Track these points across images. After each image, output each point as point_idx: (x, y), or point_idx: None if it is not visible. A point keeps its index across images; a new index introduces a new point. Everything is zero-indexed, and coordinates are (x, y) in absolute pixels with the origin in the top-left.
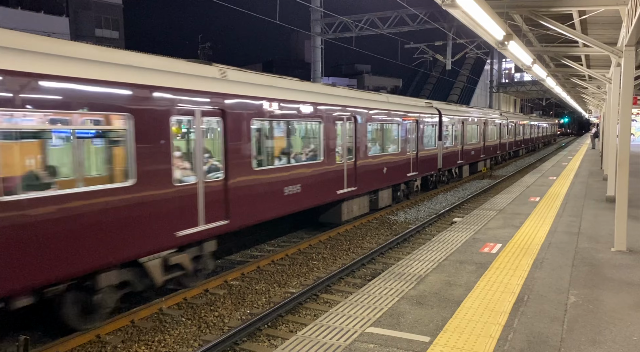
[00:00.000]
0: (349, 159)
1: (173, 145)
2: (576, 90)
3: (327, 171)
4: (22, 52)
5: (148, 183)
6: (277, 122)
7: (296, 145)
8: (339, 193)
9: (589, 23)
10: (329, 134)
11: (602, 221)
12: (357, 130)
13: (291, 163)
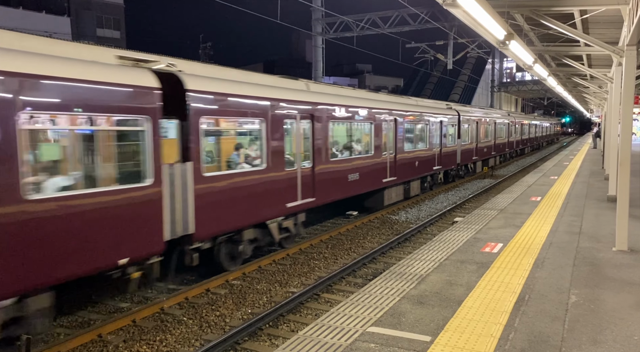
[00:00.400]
0: (390, 153)
1: (285, 141)
2: (577, 89)
3: (376, 163)
4: (245, 85)
5: (273, 167)
6: (344, 123)
7: (356, 141)
8: (383, 181)
9: (590, 22)
10: (377, 132)
11: (603, 220)
12: (397, 129)
13: (352, 156)
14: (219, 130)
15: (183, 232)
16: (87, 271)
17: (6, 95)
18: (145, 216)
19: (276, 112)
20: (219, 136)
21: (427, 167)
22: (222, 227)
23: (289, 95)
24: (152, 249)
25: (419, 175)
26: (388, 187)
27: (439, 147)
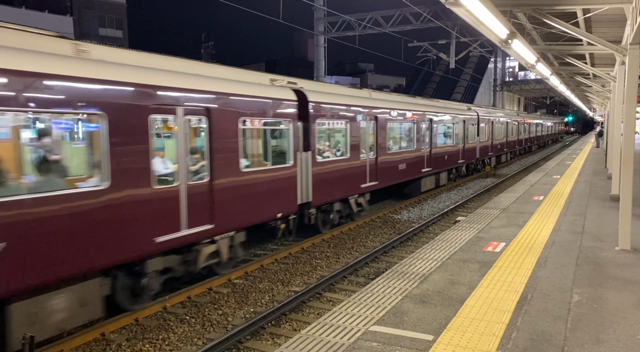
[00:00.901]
0: (427, 148)
1: (360, 137)
2: (580, 88)
3: (417, 156)
4: (341, 96)
5: (352, 157)
6: (395, 123)
7: (403, 138)
8: (422, 171)
9: (594, 21)
10: (419, 130)
11: (606, 219)
12: (432, 128)
13: (401, 150)
14: (324, 129)
15: (306, 200)
16: (266, 218)
17: (234, 109)
18: (289, 186)
19: (354, 115)
20: (324, 133)
21: (453, 161)
22: (326, 198)
23: (361, 102)
24: (292, 209)
25: (447, 167)
26: (424, 176)
27: (463, 143)
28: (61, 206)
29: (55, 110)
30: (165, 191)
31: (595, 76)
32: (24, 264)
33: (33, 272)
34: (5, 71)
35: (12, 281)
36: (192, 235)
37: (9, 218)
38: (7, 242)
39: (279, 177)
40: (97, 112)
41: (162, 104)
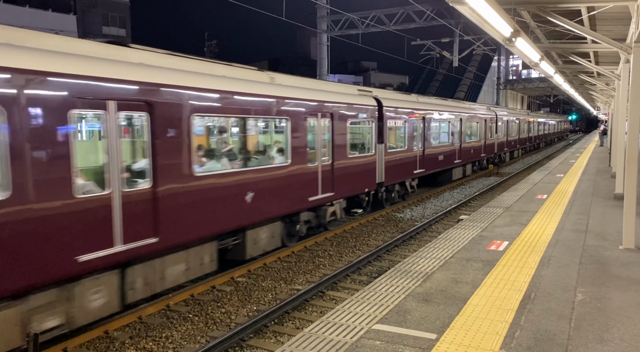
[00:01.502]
0: (457, 143)
1: (413, 132)
2: (584, 87)
3: (451, 150)
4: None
5: (408, 149)
6: (435, 122)
7: (441, 134)
8: (454, 162)
9: (598, 19)
10: (453, 128)
11: (610, 218)
12: (462, 126)
13: (440, 144)
14: (392, 127)
15: (380, 181)
16: (359, 192)
17: (345, 112)
18: (372, 169)
19: (410, 116)
20: (391, 130)
21: (477, 154)
22: (392, 180)
23: (413, 105)
24: (373, 186)
25: (472, 160)
26: (455, 167)
27: (484, 140)
28: (277, 173)
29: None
30: (311, 168)
31: (600, 74)
32: (258, 206)
33: (261, 213)
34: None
35: (252, 217)
36: (323, 198)
37: (252, 178)
38: (254, 193)
39: (367, 162)
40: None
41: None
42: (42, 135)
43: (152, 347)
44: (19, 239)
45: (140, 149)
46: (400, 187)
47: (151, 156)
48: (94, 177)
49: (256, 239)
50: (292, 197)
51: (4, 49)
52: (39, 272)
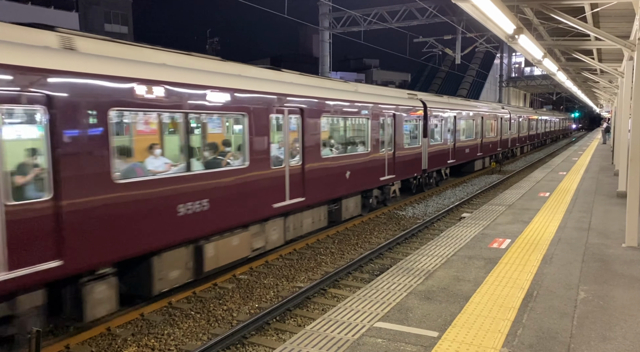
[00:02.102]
0: (479, 138)
1: (447, 128)
2: (587, 84)
3: (474, 144)
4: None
5: (444, 142)
6: (462, 120)
7: (467, 129)
8: (477, 155)
9: (601, 16)
10: (476, 124)
11: (612, 216)
12: (483, 123)
13: (464, 139)
14: (433, 124)
15: (424, 168)
16: (410, 176)
17: (407, 114)
18: (419, 158)
19: (445, 115)
20: (432, 126)
21: (495, 148)
22: (432, 167)
23: (448, 106)
24: (419, 172)
25: (491, 153)
26: (477, 159)
27: (500, 135)
28: (362, 158)
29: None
30: (382, 155)
31: (603, 72)
32: (351, 182)
33: (353, 187)
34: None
35: (348, 189)
36: (388, 179)
37: (349, 162)
38: (350, 172)
39: (416, 153)
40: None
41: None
42: (272, 131)
43: (154, 345)
44: (254, 192)
45: (296, 139)
46: (436, 174)
47: (301, 144)
48: (277, 158)
49: (347, 207)
50: (370, 176)
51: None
52: (256, 212)
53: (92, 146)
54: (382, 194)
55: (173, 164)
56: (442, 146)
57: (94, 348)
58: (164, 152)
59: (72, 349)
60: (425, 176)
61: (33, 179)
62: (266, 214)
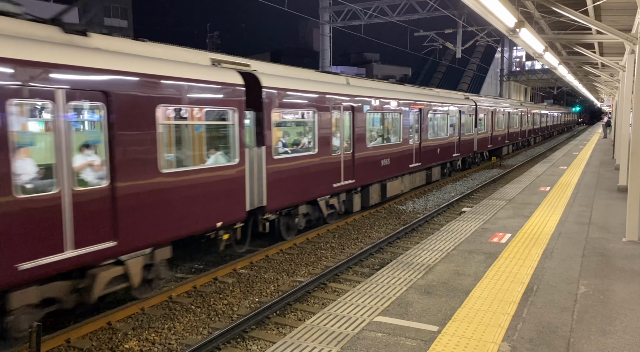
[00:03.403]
0: (505, 129)
1: (488, 121)
2: (588, 78)
3: (503, 134)
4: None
5: (486, 131)
6: (499, 114)
7: (499, 122)
8: (505, 142)
9: (603, 9)
10: (504, 118)
11: (613, 210)
12: (510, 117)
13: (497, 129)
14: (480, 118)
15: (474, 150)
16: (467, 155)
17: (464, 111)
18: (471, 142)
19: (486, 111)
20: (480, 120)
21: (516, 138)
22: (479, 150)
23: (489, 102)
24: (472, 152)
25: (513, 141)
26: (505, 145)
27: (520, 127)
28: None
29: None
30: (455, 139)
31: (604, 65)
32: (394, 166)
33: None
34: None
35: (390, 173)
36: (456, 156)
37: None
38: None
39: (470, 139)
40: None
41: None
42: (361, 123)
43: (154, 339)
44: (405, 157)
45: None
46: (480, 156)
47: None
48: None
49: (434, 172)
50: (448, 153)
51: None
52: (404, 169)
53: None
54: (451, 165)
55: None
56: (484, 135)
57: (95, 342)
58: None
59: (72, 342)
60: (473, 156)
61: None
62: (406, 171)
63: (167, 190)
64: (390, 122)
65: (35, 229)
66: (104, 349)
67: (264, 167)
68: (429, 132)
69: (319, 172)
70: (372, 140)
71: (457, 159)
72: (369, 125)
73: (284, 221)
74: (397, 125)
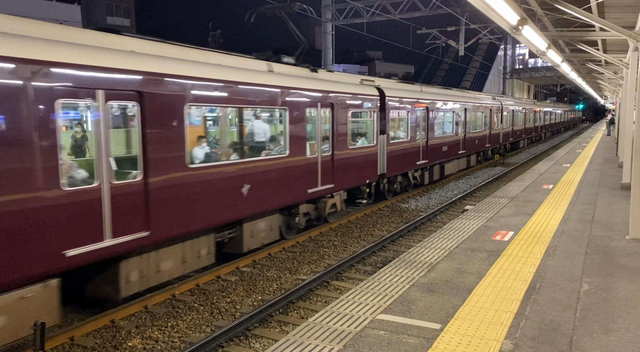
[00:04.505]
0: (521, 125)
1: (514, 119)
2: (592, 75)
3: (518, 129)
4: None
5: (513, 126)
6: (519, 112)
7: (527, 120)
8: (522, 136)
9: (607, 6)
10: (529, 116)
11: (616, 208)
12: (526, 115)
13: (517, 127)
14: (505, 115)
15: (501, 141)
16: (496, 145)
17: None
18: (498, 135)
19: (512, 110)
20: (504, 117)
21: (531, 133)
22: (504, 141)
23: (524, 105)
24: (507, 142)
25: (529, 136)
26: (522, 139)
27: (534, 124)
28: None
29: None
30: (488, 132)
31: (608, 63)
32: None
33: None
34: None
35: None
36: (488, 146)
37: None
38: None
39: (498, 133)
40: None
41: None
42: (435, 119)
43: (157, 337)
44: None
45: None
46: (504, 147)
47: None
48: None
49: (472, 159)
50: (483, 143)
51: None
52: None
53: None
54: (483, 154)
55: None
56: (508, 130)
57: (98, 340)
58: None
59: (76, 340)
60: (500, 146)
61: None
62: (455, 157)
63: (355, 157)
64: (450, 118)
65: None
66: (108, 346)
67: (385, 148)
68: (470, 127)
69: (410, 153)
70: (439, 131)
71: (488, 149)
72: (438, 120)
73: (388, 186)
74: (454, 121)
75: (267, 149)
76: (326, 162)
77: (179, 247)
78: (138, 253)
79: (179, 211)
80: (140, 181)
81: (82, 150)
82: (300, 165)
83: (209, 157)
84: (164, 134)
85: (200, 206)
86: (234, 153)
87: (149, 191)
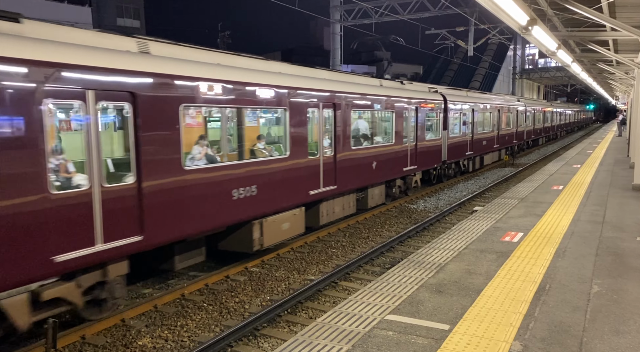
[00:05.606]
0: (540, 125)
1: (528, 119)
2: (603, 76)
3: (538, 128)
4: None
5: (525, 127)
6: (530, 112)
7: (536, 120)
8: (542, 135)
9: (617, 6)
10: (542, 116)
11: (627, 209)
12: (545, 115)
13: (537, 125)
14: (528, 116)
15: (525, 139)
16: (524, 141)
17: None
18: (523, 132)
19: (525, 111)
20: (525, 117)
21: (549, 132)
22: (527, 138)
23: (538, 105)
24: (522, 140)
25: (546, 134)
26: (541, 137)
27: (551, 123)
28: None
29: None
30: (492, 132)
31: (619, 63)
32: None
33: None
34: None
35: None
36: (516, 143)
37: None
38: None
39: (527, 130)
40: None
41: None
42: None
43: (167, 336)
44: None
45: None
46: (526, 144)
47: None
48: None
49: (515, 149)
50: (509, 139)
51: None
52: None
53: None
54: (511, 149)
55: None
56: (530, 128)
57: (109, 339)
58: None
59: (87, 339)
60: (524, 143)
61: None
62: (490, 150)
63: (430, 146)
64: (488, 118)
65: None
66: (118, 345)
67: (446, 141)
68: (503, 125)
69: (462, 145)
70: (480, 128)
71: (515, 145)
72: (480, 120)
73: (446, 171)
74: (491, 120)
75: (383, 139)
76: (412, 149)
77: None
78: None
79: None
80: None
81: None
82: (400, 151)
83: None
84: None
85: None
86: (369, 139)
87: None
